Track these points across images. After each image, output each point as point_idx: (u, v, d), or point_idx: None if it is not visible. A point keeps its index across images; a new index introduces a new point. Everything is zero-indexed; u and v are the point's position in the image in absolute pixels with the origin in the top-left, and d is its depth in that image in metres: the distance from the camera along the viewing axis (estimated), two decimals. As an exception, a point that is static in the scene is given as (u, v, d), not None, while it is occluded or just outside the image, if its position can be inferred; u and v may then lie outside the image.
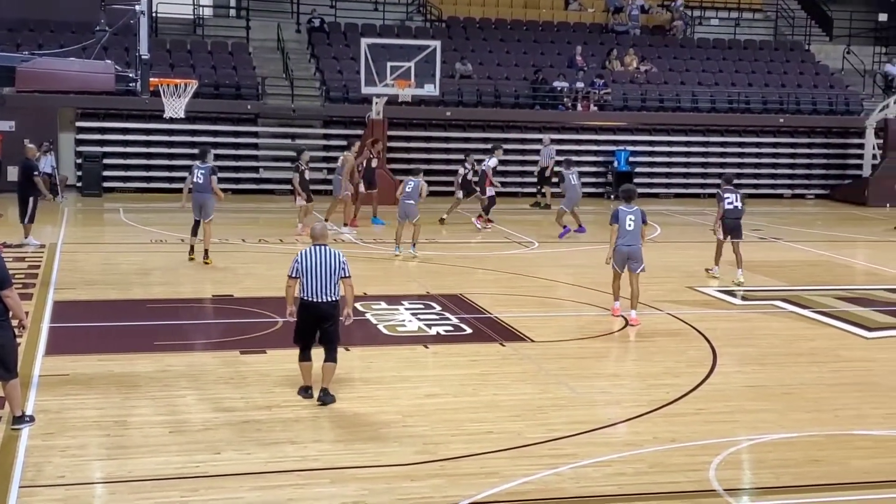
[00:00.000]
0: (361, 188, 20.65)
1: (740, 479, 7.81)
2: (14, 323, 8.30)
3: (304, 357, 9.29)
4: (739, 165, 29.31)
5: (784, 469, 7.86)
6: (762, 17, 34.42)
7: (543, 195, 25.15)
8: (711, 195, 28.41)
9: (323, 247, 9.18)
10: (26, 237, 17.30)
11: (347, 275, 9.15)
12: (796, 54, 32.23)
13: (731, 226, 15.42)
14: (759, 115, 29.33)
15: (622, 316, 12.78)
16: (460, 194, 21.59)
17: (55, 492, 7.07)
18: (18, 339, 8.69)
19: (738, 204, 15.43)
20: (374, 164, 21.26)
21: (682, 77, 29.89)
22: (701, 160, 29.04)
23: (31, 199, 17.29)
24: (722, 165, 29.15)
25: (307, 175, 19.13)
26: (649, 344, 11.76)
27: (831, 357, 11.40)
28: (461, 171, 21.63)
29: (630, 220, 12.65)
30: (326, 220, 18.85)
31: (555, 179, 23.59)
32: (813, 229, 22.06)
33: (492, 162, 21.63)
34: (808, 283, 15.85)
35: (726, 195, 15.46)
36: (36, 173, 17.67)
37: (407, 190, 16.96)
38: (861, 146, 28.96)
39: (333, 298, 9.09)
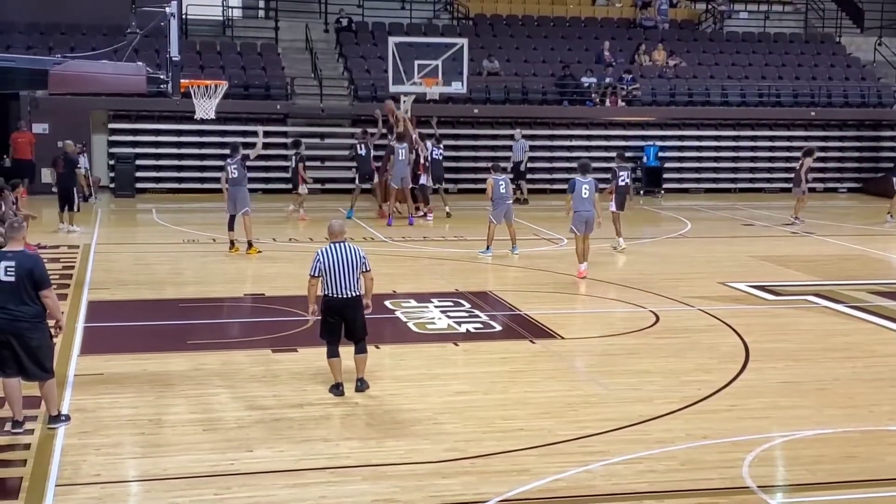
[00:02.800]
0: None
1: (774, 476, 7.74)
2: (51, 323, 8.41)
3: (333, 353, 9.36)
4: (770, 160, 29.04)
5: (819, 465, 7.79)
6: (792, 10, 34.06)
7: (520, 189, 25.09)
8: (742, 190, 28.42)
9: (342, 243, 9.29)
10: (72, 224, 19.00)
11: (368, 269, 9.34)
12: (827, 47, 31.88)
13: (621, 200, 17.29)
14: (790, 109, 29.02)
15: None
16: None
17: (91, 490, 7.15)
18: (55, 340, 8.81)
19: (629, 180, 18.00)
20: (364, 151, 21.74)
21: (711, 71, 29.65)
22: (731, 154, 28.80)
23: (74, 190, 19.18)
24: (753, 160, 28.95)
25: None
26: (680, 340, 11.67)
27: (866, 352, 11.26)
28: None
29: (585, 188, 14.64)
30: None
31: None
32: (846, 223, 21.80)
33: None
34: (842, 277, 15.67)
35: (621, 172, 17.43)
36: (79, 167, 20.07)
37: (502, 191, 16.36)
38: (894, 139, 28.59)
39: (356, 293, 9.26)
